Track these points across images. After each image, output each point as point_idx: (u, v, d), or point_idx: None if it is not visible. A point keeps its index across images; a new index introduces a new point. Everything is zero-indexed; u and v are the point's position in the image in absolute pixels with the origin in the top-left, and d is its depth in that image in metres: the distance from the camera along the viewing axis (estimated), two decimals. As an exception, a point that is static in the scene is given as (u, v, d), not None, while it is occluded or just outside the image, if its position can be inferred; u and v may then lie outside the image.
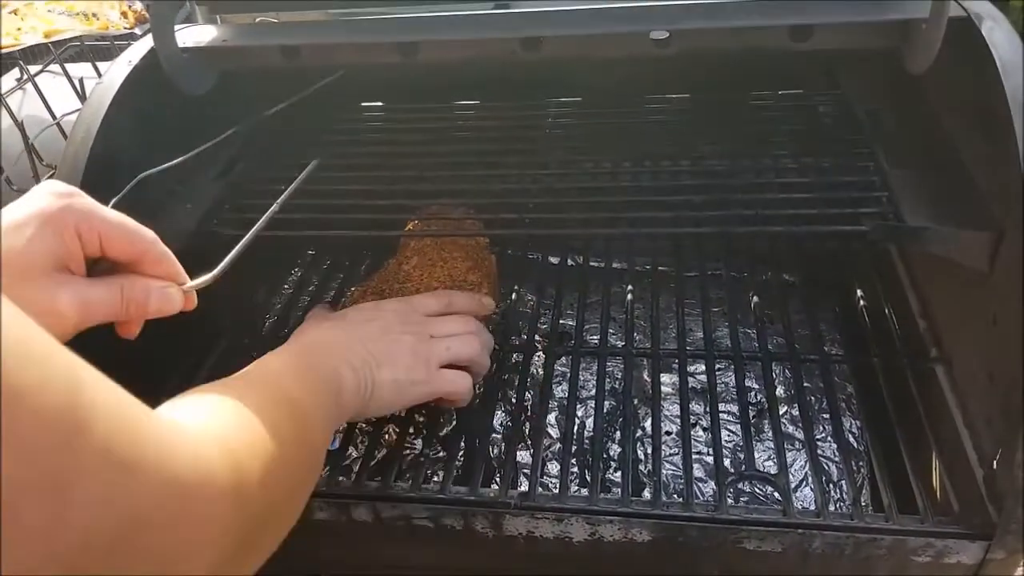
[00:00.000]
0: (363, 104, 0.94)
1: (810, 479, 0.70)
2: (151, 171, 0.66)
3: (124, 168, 0.72)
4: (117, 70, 0.72)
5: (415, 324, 0.67)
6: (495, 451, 0.76)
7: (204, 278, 0.56)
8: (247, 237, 0.63)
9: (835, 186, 0.68)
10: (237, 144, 0.87)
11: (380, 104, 0.95)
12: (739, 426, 0.71)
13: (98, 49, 1.00)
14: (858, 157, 0.72)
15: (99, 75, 0.82)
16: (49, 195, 0.46)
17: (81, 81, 0.92)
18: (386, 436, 0.75)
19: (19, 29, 1.28)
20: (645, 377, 0.81)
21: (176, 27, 0.77)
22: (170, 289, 0.52)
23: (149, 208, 0.76)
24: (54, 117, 0.93)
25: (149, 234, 0.51)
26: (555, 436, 0.78)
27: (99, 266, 0.49)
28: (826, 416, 0.75)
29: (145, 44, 0.74)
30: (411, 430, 0.76)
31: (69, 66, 0.97)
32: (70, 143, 0.69)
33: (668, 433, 0.77)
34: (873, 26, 0.64)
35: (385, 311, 0.68)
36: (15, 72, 1.04)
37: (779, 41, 0.66)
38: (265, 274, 0.97)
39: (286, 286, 0.96)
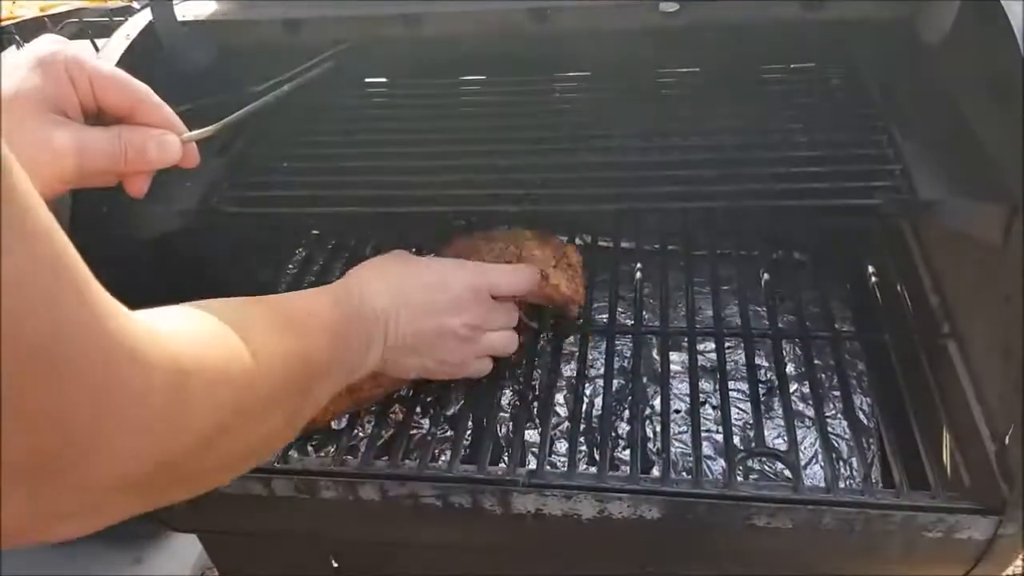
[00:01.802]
0: (367, 80, 0.93)
1: (820, 456, 0.70)
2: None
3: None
4: (114, 45, 0.70)
5: (475, 313, 0.64)
6: (503, 430, 0.76)
7: (203, 130, 0.56)
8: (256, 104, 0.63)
9: (848, 159, 0.67)
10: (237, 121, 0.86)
11: (384, 80, 0.94)
12: (749, 404, 0.70)
13: (97, 25, 0.98)
14: (871, 131, 0.70)
15: (96, 51, 0.81)
16: (43, 42, 0.47)
17: (80, 57, 0.90)
18: (393, 415, 0.75)
19: (15, 3, 1.26)
20: (654, 355, 0.81)
21: (175, 0, 0.76)
22: (168, 136, 0.52)
23: (151, 188, 0.75)
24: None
25: (142, 84, 0.51)
26: (563, 415, 0.77)
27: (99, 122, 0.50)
28: (837, 393, 0.74)
29: (143, 18, 0.73)
30: (418, 409, 0.76)
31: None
32: (68, 120, 0.68)
33: (677, 411, 0.76)
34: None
35: (457, 284, 0.64)
36: (12, 48, 1.02)
37: (791, 10, 0.65)
38: (269, 254, 0.96)
39: (291, 266, 0.95)
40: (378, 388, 0.70)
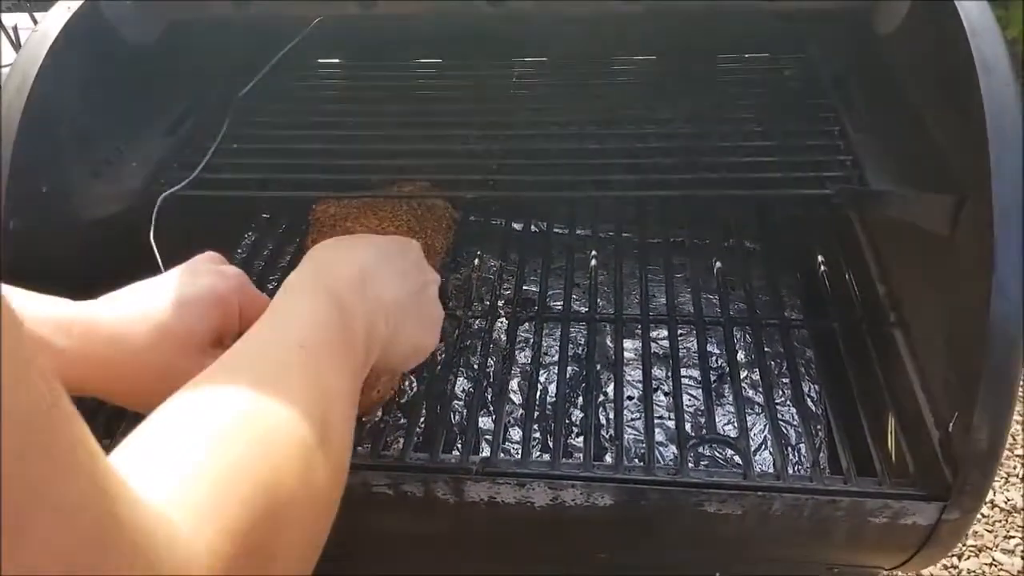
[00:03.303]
0: (320, 61, 0.91)
1: (770, 443, 0.71)
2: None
3: (63, 121, 0.69)
4: (55, 17, 0.68)
5: (431, 281, 0.59)
6: (456, 418, 0.75)
7: None
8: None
9: (800, 150, 0.68)
10: (187, 100, 0.84)
11: (338, 61, 0.92)
12: (700, 390, 0.71)
13: (36, -2, 0.95)
14: (824, 121, 0.71)
15: (35, 23, 0.78)
16: (220, 277, 0.49)
17: (16, 29, 0.86)
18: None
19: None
20: (608, 343, 0.81)
21: (120, -27, 0.73)
22: None
23: (94, 167, 0.73)
24: (-11, 69, 0.88)
25: None
26: (518, 402, 0.77)
27: None
28: (786, 380, 0.75)
29: (86, -10, 0.70)
30: (371, 396, 0.74)
31: (5, 16, 0.92)
32: (3, 95, 0.65)
33: (630, 398, 0.76)
34: (841, -15, 0.63)
35: (382, 241, 0.57)
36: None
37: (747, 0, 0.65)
38: (218, 237, 0.93)
39: (240, 250, 0.93)
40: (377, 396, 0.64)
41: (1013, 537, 1.35)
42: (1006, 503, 1.40)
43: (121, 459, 0.31)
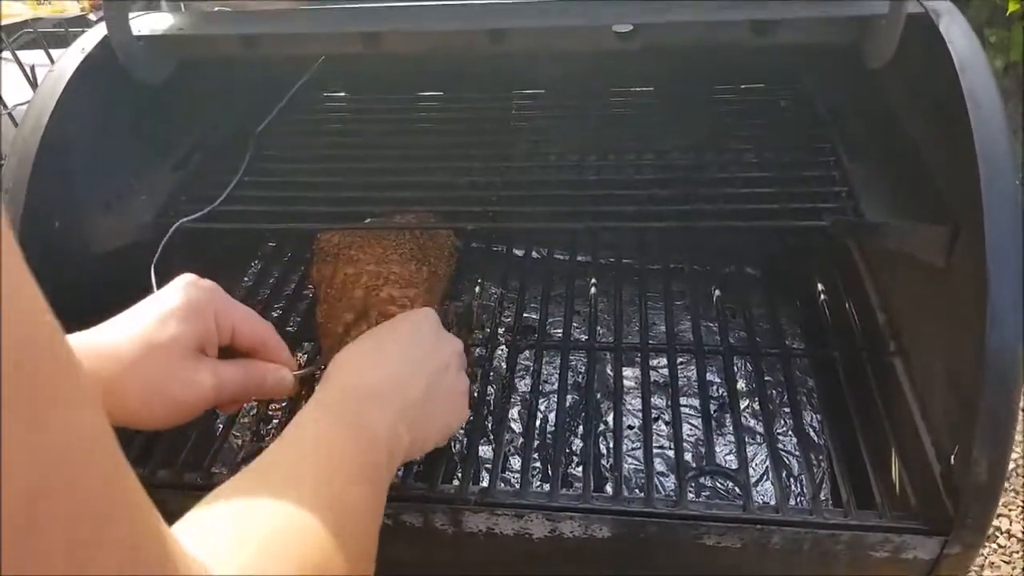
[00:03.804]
0: (325, 94, 0.93)
1: (770, 473, 0.71)
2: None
3: (77, 157, 0.71)
4: (69, 58, 0.70)
5: (452, 354, 0.60)
6: (457, 446, 0.75)
7: (308, 368, 0.64)
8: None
9: (796, 181, 0.68)
10: (196, 135, 0.86)
11: (343, 95, 0.94)
12: (700, 420, 0.71)
13: (52, 36, 0.97)
14: (819, 152, 0.72)
15: (52, 62, 0.80)
16: (193, 287, 0.53)
17: (33, 68, 0.89)
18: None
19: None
20: (608, 371, 0.81)
21: (133, 14, 0.75)
22: (283, 372, 0.57)
23: (106, 200, 0.74)
24: (5, 107, 0.90)
25: (269, 326, 0.58)
26: (517, 431, 0.77)
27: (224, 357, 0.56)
28: (787, 410, 0.75)
29: (99, 31, 0.72)
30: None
31: (22, 53, 0.95)
32: (19, 132, 0.67)
33: (630, 427, 0.76)
34: (832, 21, 0.64)
35: (418, 336, 0.59)
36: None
37: (741, 35, 0.66)
38: (224, 267, 0.95)
39: (246, 279, 0.94)
40: None
41: (1031, 567, 1.32)
42: (1023, 533, 1.38)
43: None
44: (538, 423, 0.77)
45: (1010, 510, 1.35)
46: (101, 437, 0.23)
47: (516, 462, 0.75)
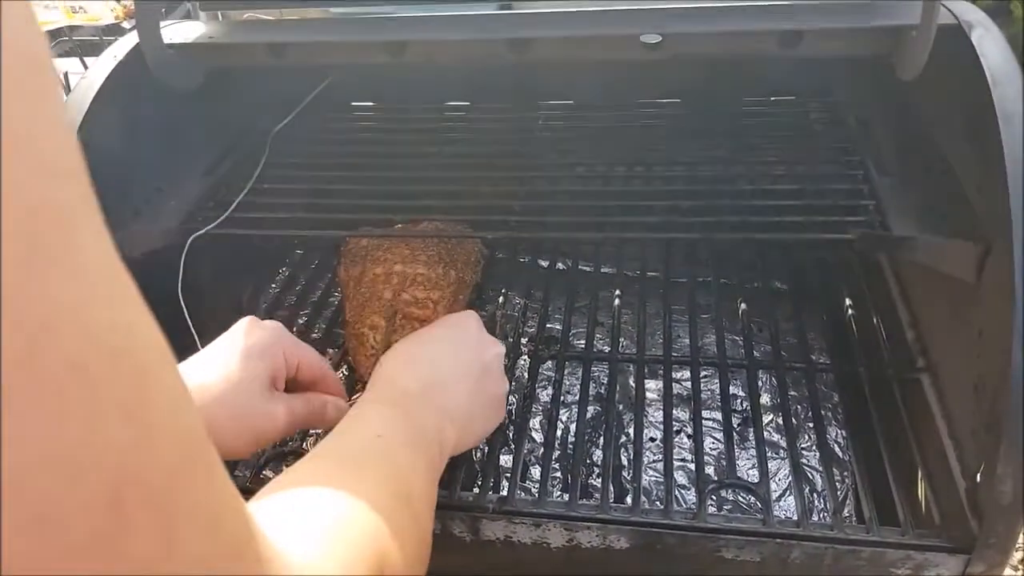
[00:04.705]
0: (353, 104, 0.94)
1: (793, 488, 0.70)
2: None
3: (108, 164, 0.72)
4: (101, 65, 0.71)
5: (493, 356, 0.63)
6: (478, 454, 0.76)
7: (356, 397, 0.68)
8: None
9: (824, 194, 0.67)
10: (228, 140, 0.87)
11: (371, 104, 0.94)
12: (723, 433, 0.70)
13: (87, 44, 0.99)
14: (848, 165, 0.71)
15: (85, 68, 0.82)
16: (260, 328, 0.59)
17: (66, 75, 0.91)
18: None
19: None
20: (630, 383, 0.81)
21: (165, 22, 0.77)
22: (340, 402, 0.62)
23: (135, 207, 0.76)
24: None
25: (325, 362, 0.63)
26: (538, 440, 0.77)
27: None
28: (811, 425, 0.74)
29: (131, 39, 0.74)
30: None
31: (57, 61, 0.97)
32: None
33: (652, 439, 0.76)
34: (863, 32, 0.63)
35: (461, 335, 0.63)
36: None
37: (769, 46, 0.65)
38: (252, 272, 0.96)
39: (273, 285, 0.95)
40: None
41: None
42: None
43: None
44: (559, 433, 0.77)
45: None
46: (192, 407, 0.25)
47: (536, 471, 0.74)
